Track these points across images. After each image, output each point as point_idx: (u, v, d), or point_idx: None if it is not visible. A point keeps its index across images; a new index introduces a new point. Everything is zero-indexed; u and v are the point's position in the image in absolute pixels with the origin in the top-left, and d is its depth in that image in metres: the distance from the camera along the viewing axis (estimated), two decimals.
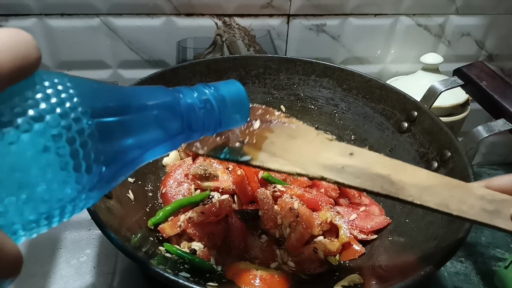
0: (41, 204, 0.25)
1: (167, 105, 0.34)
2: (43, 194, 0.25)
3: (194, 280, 0.49)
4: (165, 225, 0.56)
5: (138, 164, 0.33)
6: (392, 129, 0.68)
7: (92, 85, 0.29)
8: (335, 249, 0.57)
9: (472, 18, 0.85)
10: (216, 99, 0.37)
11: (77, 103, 0.26)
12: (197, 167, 0.63)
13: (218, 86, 0.38)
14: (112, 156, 0.29)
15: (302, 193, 0.60)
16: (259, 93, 0.76)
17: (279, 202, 0.59)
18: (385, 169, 0.39)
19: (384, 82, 0.69)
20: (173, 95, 0.35)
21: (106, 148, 0.28)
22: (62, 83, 0.26)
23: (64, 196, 0.26)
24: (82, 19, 0.75)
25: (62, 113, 0.25)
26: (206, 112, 0.36)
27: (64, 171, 0.25)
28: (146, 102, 0.32)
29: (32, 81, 0.25)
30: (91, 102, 0.27)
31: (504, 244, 0.68)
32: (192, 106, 0.35)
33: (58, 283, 0.57)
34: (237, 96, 0.38)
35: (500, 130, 0.58)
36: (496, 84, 0.62)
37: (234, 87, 0.39)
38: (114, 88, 0.31)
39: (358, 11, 0.81)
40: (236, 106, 0.38)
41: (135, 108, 0.31)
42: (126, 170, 0.31)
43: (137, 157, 0.32)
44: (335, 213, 0.59)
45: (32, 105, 0.24)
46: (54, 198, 0.25)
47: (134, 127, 0.31)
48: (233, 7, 0.77)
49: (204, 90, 0.37)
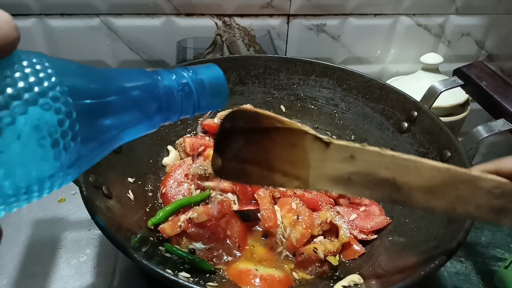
0: (19, 180, 0.26)
1: (145, 87, 0.34)
2: (22, 170, 0.25)
3: (194, 280, 0.49)
4: (165, 225, 0.56)
5: (117, 143, 0.33)
6: (392, 129, 0.68)
7: (70, 65, 0.29)
8: (335, 249, 0.57)
9: (472, 18, 0.85)
10: (194, 83, 0.37)
11: (56, 83, 0.27)
12: (197, 167, 0.62)
13: (197, 70, 0.38)
14: (90, 135, 0.29)
15: (302, 193, 0.60)
16: (259, 93, 0.76)
17: (279, 202, 0.59)
18: (389, 171, 0.38)
19: (384, 82, 0.69)
20: (152, 77, 0.35)
21: (83, 126, 0.28)
22: (41, 63, 0.27)
23: (42, 172, 0.27)
24: (82, 19, 0.76)
25: (40, 91, 0.26)
26: (184, 95, 0.36)
27: (42, 148, 0.26)
28: (125, 84, 0.33)
29: (11, 60, 0.25)
30: (69, 82, 0.28)
31: (504, 244, 0.68)
32: (170, 88, 0.36)
33: (58, 283, 0.57)
34: (216, 80, 0.39)
35: (500, 130, 0.58)
36: (496, 84, 0.62)
37: (213, 71, 0.39)
38: (93, 69, 0.32)
39: (358, 11, 0.81)
40: (215, 90, 0.39)
41: (114, 89, 0.32)
42: (104, 148, 0.32)
43: (115, 136, 0.32)
44: (335, 213, 0.59)
45: (10, 83, 0.25)
46: (33, 174, 0.26)
47: (112, 107, 0.31)
48: (233, 7, 0.77)
49: (183, 73, 0.37)
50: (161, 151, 0.69)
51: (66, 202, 0.69)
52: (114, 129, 0.32)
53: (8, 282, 0.56)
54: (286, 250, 0.57)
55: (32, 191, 0.27)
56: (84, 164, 0.30)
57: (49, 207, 0.68)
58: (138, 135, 0.35)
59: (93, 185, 0.50)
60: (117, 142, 0.33)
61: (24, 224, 0.65)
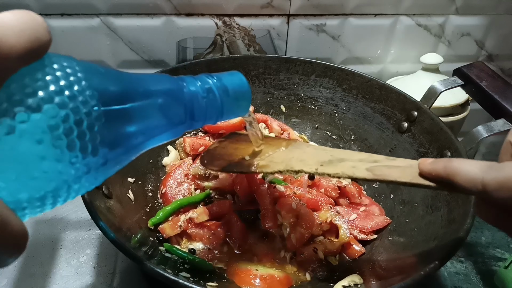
0: (47, 183, 0.25)
1: (171, 92, 0.34)
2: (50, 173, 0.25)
3: (194, 280, 0.49)
4: (165, 225, 0.56)
5: (141, 150, 0.33)
6: (392, 129, 0.68)
7: (99, 70, 0.29)
8: (335, 249, 0.57)
9: (472, 18, 0.85)
10: (218, 89, 0.37)
11: (85, 86, 0.27)
12: (197, 167, 0.62)
13: (221, 77, 0.38)
14: (117, 140, 0.29)
15: (302, 193, 0.60)
16: (259, 93, 0.76)
17: (279, 202, 0.59)
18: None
19: (384, 82, 0.69)
20: (177, 83, 0.35)
21: (111, 131, 0.28)
22: (71, 66, 0.27)
23: (69, 176, 0.26)
24: (82, 19, 0.76)
25: (71, 95, 0.26)
26: (208, 101, 0.37)
27: (71, 152, 0.26)
28: (152, 88, 0.33)
29: (42, 63, 0.25)
30: (99, 86, 0.28)
31: (504, 244, 0.68)
32: (195, 94, 0.36)
33: (58, 283, 0.57)
34: (239, 87, 0.39)
35: (500, 130, 0.58)
36: (496, 84, 0.62)
37: (237, 78, 0.40)
38: (120, 74, 0.32)
39: (358, 11, 0.81)
40: (238, 96, 0.39)
41: (141, 94, 0.32)
42: (129, 154, 0.32)
43: (140, 142, 0.32)
44: (335, 213, 0.59)
45: (42, 86, 0.25)
46: (60, 177, 0.26)
47: (139, 112, 0.31)
48: (233, 7, 0.77)
49: (207, 80, 0.37)
50: (161, 151, 0.69)
51: (66, 202, 0.69)
52: (140, 135, 0.32)
53: (8, 282, 0.56)
54: (286, 250, 0.57)
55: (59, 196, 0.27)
56: (109, 169, 0.30)
57: None
58: (162, 142, 0.35)
59: None
60: (141, 148, 0.33)
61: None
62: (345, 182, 0.64)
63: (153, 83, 0.33)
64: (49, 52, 0.26)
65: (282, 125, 0.75)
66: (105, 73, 0.30)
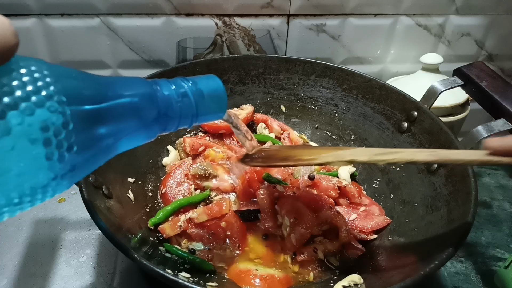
0: (11, 191, 0.25)
1: (144, 96, 0.34)
2: (14, 180, 0.25)
3: (194, 280, 0.49)
4: (165, 226, 0.56)
5: (113, 153, 0.33)
6: (392, 129, 0.68)
7: (70, 73, 0.29)
8: (335, 249, 0.57)
9: (472, 18, 0.85)
10: (193, 93, 0.37)
11: (53, 92, 0.26)
12: (197, 167, 0.63)
13: (197, 80, 0.38)
14: (86, 144, 0.29)
15: (302, 193, 0.60)
16: (259, 93, 0.76)
17: (279, 202, 0.59)
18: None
19: (384, 82, 0.69)
20: (151, 87, 0.35)
21: (80, 136, 0.28)
22: (39, 71, 0.26)
23: (36, 183, 0.26)
24: (82, 19, 0.76)
25: (38, 101, 0.25)
26: (183, 105, 0.36)
27: (37, 159, 0.26)
28: (124, 93, 0.32)
29: (9, 67, 0.25)
30: (68, 91, 0.27)
31: (504, 244, 0.68)
32: (169, 99, 0.35)
33: (58, 283, 0.57)
34: (215, 91, 0.39)
35: (500, 130, 0.57)
36: (496, 84, 0.62)
37: (213, 82, 0.39)
38: (92, 77, 0.31)
39: (358, 11, 0.81)
40: (214, 100, 0.39)
41: (112, 98, 0.31)
42: (100, 158, 0.32)
43: (111, 145, 0.32)
44: (335, 213, 0.59)
45: (7, 92, 0.24)
46: (26, 184, 0.26)
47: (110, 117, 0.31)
48: (233, 7, 0.77)
49: (183, 84, 0.37)
50: (161, 151, 0.69)
51: (66, 202, 0.69)
52: (110, 139, 0.31)
53: (8, 282, 0.56)
54: (286, 250, 0.57)
55: (23, 202, 0.27)
56: (78, 173, 0.30)
57: (49, 207, 0.68)
58: (135, 145, 0.35)
59: (93, 185, 0.50)
60: (113, 151, 0.33)
61: (24, 224, 0.65)
62: (345, 182, 0.64)
63: (125, 87, 0.33)
64: (17, 55, 0.25)
65: (282, 125, 0.75)
66: (77, 77, 0.29)
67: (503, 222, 0.73)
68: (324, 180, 0.63)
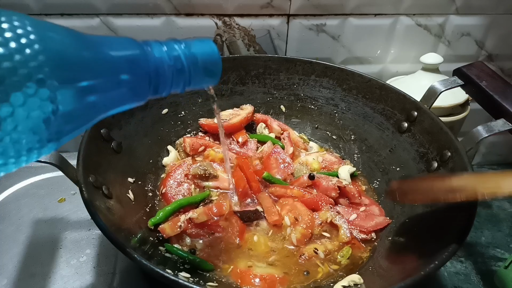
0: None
1: (134, 58, 0.32)
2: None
3: (194, 280, 0.49)
4: (165, 225, 0.56)
5: (101, 115, 0.31)
6: (392, 129, 0.68)
7: (56, 30, 0.27)
8: (335, 249, 0.57)
9: (472, 18, 0.85)
10: (187, 58, 0.35)
11: (39, 51, 0.25)
12: (197, 167, 0.63)
13: (190, 44, 0.36)
14: (74, 107, 0.28)
15: (302, 194, 0.61)
16: (259, 93, 0.76)
17: (279, 203, 0.59)
18: None
19: (384, 82, 0.69)
20: (142, 48, 0.33)
21: (67, 98, 0.27)
22: (23, 27, 0.25)
23: (21, 145, 0.25)
24: (82, 19, 0.75)
25: (21, 60, 0.24)
26: (176, 70, 0.35)
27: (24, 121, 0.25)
28: (112, 54, 0.31)
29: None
30: (53, 52, 0.26)
31: (504, 244, 0.68)
32: (161, 61, 0.34)
33: (58, 283, 0.57)
34: (210, 57, 0.37)
35: (500, 130, 0.57)
36: (496, 84, 0.62)
37: (207, 46, 0.37)
38: (82, 36, 0.30)
39: (358, 11, 0.81)
40: (208, 67, 0.37)
41: (100, 60, 0.30)
42: (89, 120, 0.30)
43: (100, 108, 0.31)
44: (335, 213, 0.59)
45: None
46: (10, 145, 0.25)
47: (97, 79, 0.29)
48: (233, 7, 0.77)
49: (175, 46, 0.35)
50: (161, 151, 0.69)
51: (66, 202, 0.69)
52: (99, 102, 0.30)
53: (8, 282, 0.56)
54: (286, 250, 0.57)
55: (7, 164, 0.26)
56: (63, 138, 0.29)
57: (49, 207, 0.68)
58: (124, 108, 0.33)
59: (93, 185, 0.50)
60: (102, 114, 0.31)
61: (24, 224, 0.65)
62: (345, 182, 0.64)
63: (115, 47, 0.31)
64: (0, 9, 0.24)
65: (282, 125, 0.75)
66: (64, 34, 0.28)
67: (503, 222, 0.73)
68: (324, 180, 0.63)
